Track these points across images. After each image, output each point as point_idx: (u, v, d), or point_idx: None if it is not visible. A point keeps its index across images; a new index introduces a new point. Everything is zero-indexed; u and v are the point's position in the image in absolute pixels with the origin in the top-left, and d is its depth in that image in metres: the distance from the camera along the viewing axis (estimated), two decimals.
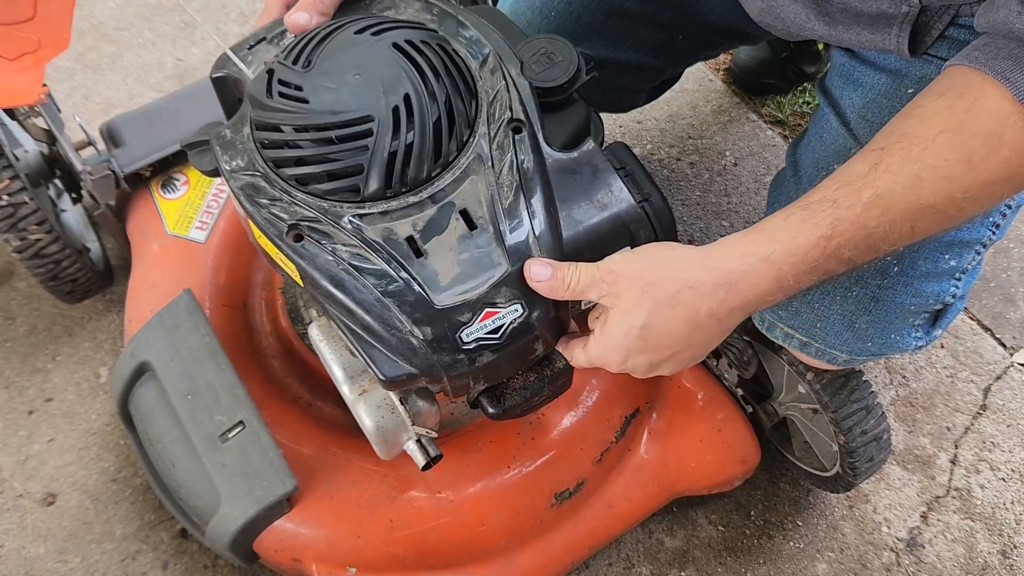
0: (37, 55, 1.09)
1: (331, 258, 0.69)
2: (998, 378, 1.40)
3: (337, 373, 0.86)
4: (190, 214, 1.19)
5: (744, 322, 1.06)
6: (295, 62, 0.73)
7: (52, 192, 1.31)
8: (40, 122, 1.20)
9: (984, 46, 0.65)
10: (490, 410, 0.86)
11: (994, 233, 0.87)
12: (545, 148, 0.75)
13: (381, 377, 0.71)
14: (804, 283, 0.67)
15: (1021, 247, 1.54)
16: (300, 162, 0.71)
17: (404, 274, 0.69)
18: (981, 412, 1.37)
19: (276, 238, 0.70)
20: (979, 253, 0.88)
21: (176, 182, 1.21)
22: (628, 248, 0.76)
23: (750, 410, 1.17)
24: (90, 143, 1.23)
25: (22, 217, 1.12)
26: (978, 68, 0.63)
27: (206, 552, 1.19)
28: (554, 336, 0.76)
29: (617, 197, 0.75)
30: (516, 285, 0.70)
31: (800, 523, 1.26)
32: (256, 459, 0.97)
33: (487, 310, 0.70)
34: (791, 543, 1.25)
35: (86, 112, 1.59)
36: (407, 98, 0.70)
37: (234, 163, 0.73)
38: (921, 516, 1.28)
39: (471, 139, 0.73)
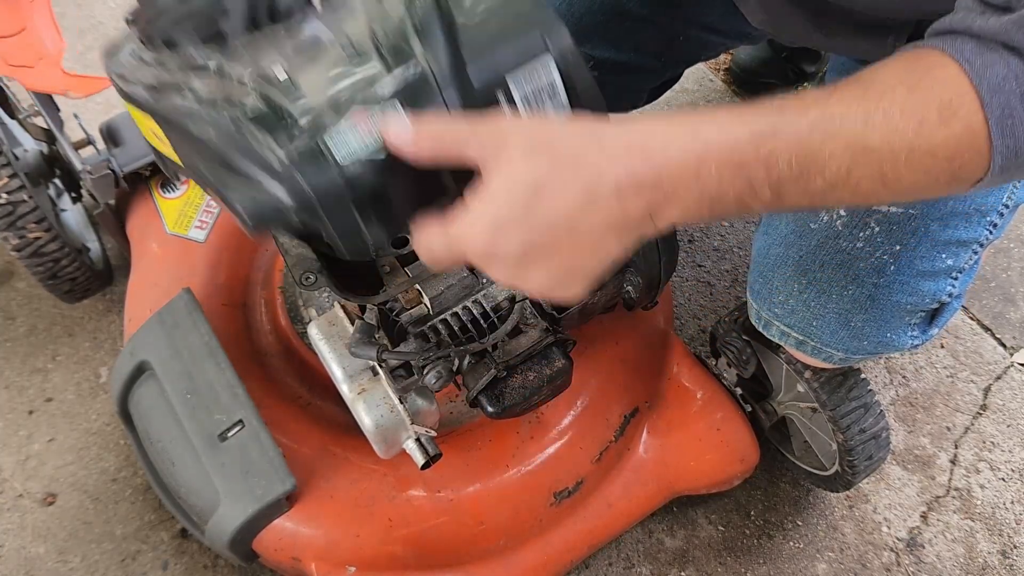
0: (46, 61, 1.12)
1: (193, 103, 0.62)
2: (998, 378, 1.40)
3: (336, 372, 0.86)
4: (190, 213, 1.19)
5: (742, 321, 1.07)
6: None
7: (52, 191, 1.31)
8: (40, 121, 1.20)
9: (940, 37, 0.61)
10: (489, 409, 0.87)
11: (991, 232, 0.87)
12: None
13: (247, 222, 0.62)
14: (725, 186, 0.57)
15: (1021, 247, 1.54)
16: (161, 20, 0.65)
17: (269, 99, 0.61)
18: (981, 412, 1.37)
19: (143, 100, 0.64)
20: (976, 252, 0.88)
21: (175, 181, 1.21)
22: (549, 60, 0.64)
23: (749, 409, 1.17)
24: (90, 142, 1.23)
25: (21, 215, 1.12)
26: (934, 46, 0.59)
27: (206, 552, 1.19)
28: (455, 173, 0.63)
29: (553, 32, 0.63)
30: (392, 85, 0.60)
31: (800, 523, 1.26)
32: (255, 458, 0.97)
33: (356, 110, 0.60)
34: (791, 543, 1.25)
35: (86, 112, 1.59)
36: None
37: (113, 61, 0.68)
38: (921, 516, 1.28)
39: None
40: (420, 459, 0.89)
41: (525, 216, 0.56)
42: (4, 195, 1.10)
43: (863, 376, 1.04)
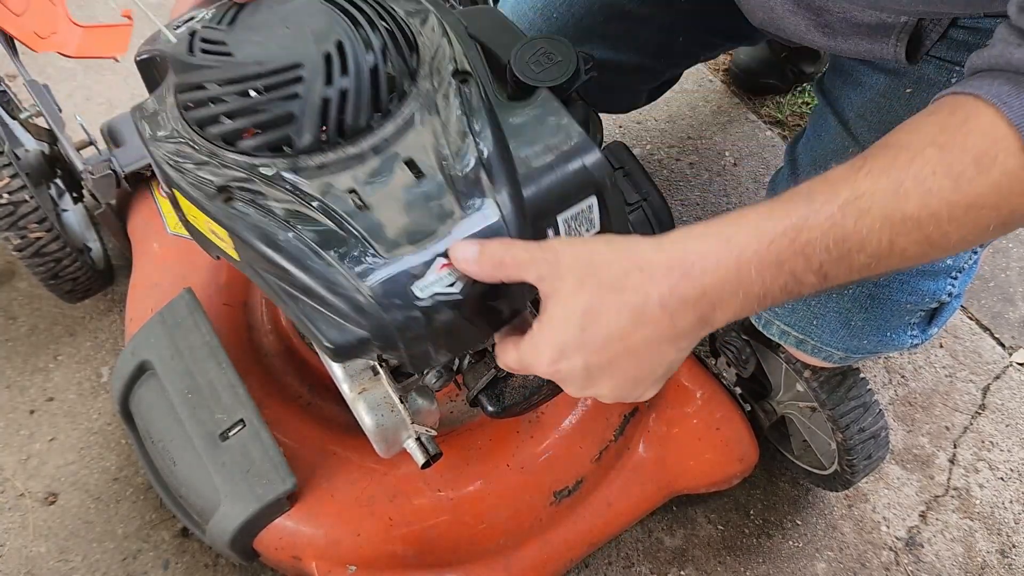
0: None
1: (265, 217, 0.64)
2: (997, 378, 1.40)
3: (337, 371, 0.86)
4: None
5: (742, 320, 1.07)
6: (219, 23, 0.70)
7: (53, 191, 1.31)
8: (41, 121, 1.20)
9: (979, 76, 0.61)
10: (489, 408, 0.87)
11: None
12: (495, 99, 0.70)
13: (328, 345, 0.64)
14: (769, 284, 0.59)
15: (1020, 247, 1.54)
16: (226, 118, 0.67)
17: (347, 227, 0.63)
18: (980, 412, 1.37)
19: (205, 202, 0.65)
20: (976, 252, 0.88)
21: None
22: (594, 200, 0.70)
23: (748, 409, 1.18)
24: (91, 142, 1.24)
25: (22, 215, 1.12)
26: (972, 93, 0.60)
27: (207, 551, 1.19)
28: (520, 293, 0.68)
29: (574, 143, 0.68)
30: (470, 233, 0.64)
31: (799, 522, 1.27)
32: (256, 457, 0.98)
33: (442, 261, 0.63)
34: (790, 542, 1.25)
35: (87, 112, 1.59)
36: (340, 45, 0.66)
37: (157, 132, 0.68)
38: (920, 515, 1.28)
39: (413, 89, 0.69)
40: (420, 458, 0.89)
41: (582, 340, 0.60)
42: (6, 195, 1.10)
43: (862, 375, 1.04)
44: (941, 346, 1.43)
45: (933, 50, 0.83)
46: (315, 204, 0.64)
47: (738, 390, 1.18)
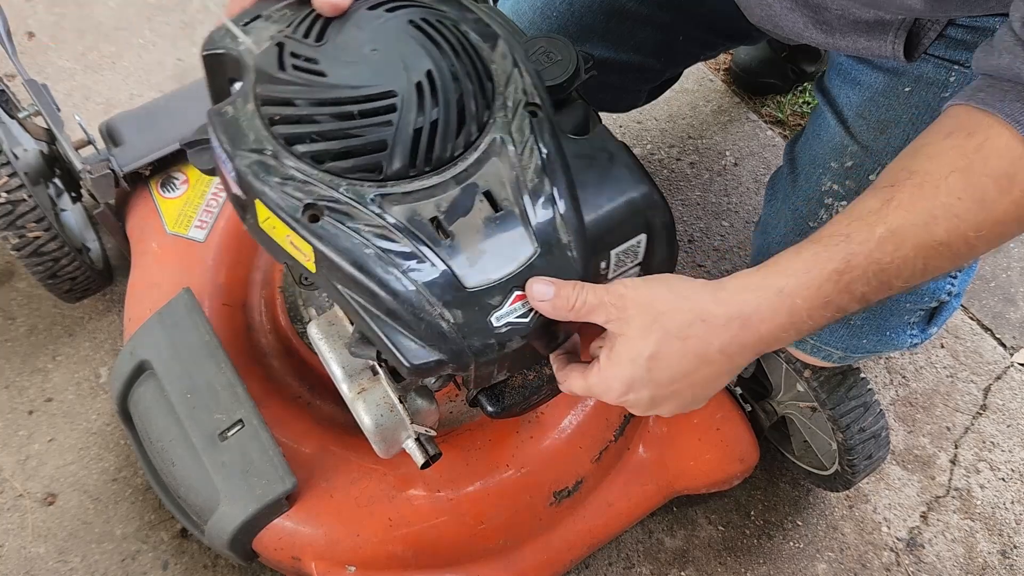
0: None
1: (353, 239, 0.66)
2: (998, 378, 1.40)
3: (336, 371, 0.86)
4: (189, 213, 1.19)
5: None
6: (306, 36, 0.70)
7: (52, 191, 1.31)
8: (40, 121, 1.20)
9: (989, 88, 0.64)
10: (489, 408, 0.86)
11: None
12: (560, 132, 0.74)
13: (407, 365, 0.68)
14: (817, 319, 0.66)
15: (1021, 247, 1.54)
16: (317, 138, 0.68)
17: (432, 255, 0.67)
18: (981, 412, 1.37)
19: (290, 218, 0.67)
20: None
21: (175, 181, 1.21)
22: (644, 236, 0.74)
23: (749, 409, 1.17)
24: (89, 142, 1.23)
25: (21, 215, 1.12)
26: (986, 109, 0.63)
27: (206, 552, 1.19)
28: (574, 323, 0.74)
29: (632, 181, 0.73)
30: (543, 267, 0.69)
31: (800, 523, 1.26)
32: (255, 457, 0.98)
33: (517, 293, 0.68)
34: (791, 543, 1.25)
35: (86, 112, 1.59)
36: (429, 74, 0.68)
37: (238, 141, 0.69)
38: (921, 516, 1.28)
39: (490, 120, 0.72)
40: (420, 459, 0.89)
41: (648, 378, 0.67)
42: (4, 194, 1.10)
43: (863, 375, 1.04)
44: (942, 346, 1.43)
45: (931, 48, 0.83)
46: (402, 230, 0.67)
47: (738, 390, 1.18)
